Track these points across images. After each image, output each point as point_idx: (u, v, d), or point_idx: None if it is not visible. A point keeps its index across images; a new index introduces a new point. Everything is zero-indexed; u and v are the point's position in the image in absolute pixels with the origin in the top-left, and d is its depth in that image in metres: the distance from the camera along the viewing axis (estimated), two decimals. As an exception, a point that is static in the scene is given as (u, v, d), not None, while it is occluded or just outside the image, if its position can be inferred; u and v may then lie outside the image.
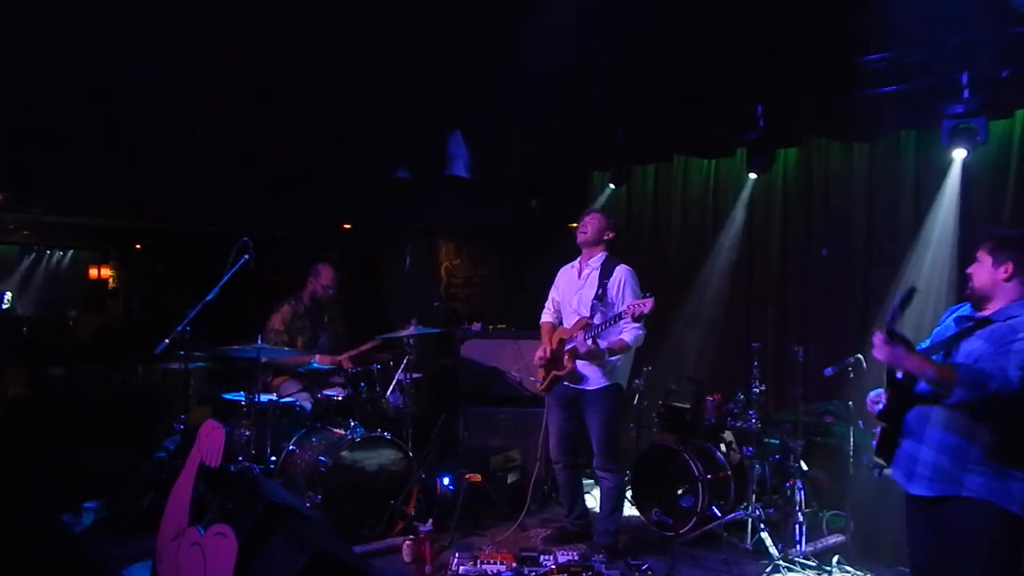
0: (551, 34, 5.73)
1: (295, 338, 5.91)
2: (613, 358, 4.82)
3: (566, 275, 5.20)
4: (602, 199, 7.33)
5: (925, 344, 3.31)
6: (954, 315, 3.17)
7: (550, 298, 5.28)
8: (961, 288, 3.38)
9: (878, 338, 2.95)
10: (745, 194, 6.66)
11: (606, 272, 4.89)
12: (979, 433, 2.85)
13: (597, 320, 4.77)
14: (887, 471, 3.13)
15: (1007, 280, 2.94)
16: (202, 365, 6.50)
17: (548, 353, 5.02)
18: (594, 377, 4.86)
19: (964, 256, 5.12)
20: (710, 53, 6.00)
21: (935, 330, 3.25)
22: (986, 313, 2.97)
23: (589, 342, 4.71)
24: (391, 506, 5.10)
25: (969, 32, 4.88)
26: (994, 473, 2.82)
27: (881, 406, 3.10)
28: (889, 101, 5.42)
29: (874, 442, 3.12)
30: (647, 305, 4.35)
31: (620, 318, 4.57)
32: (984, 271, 2.99)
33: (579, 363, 4.86)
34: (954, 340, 2.99)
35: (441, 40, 6.11)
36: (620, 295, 4.81)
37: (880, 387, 3.22)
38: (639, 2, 5.56)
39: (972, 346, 2.92)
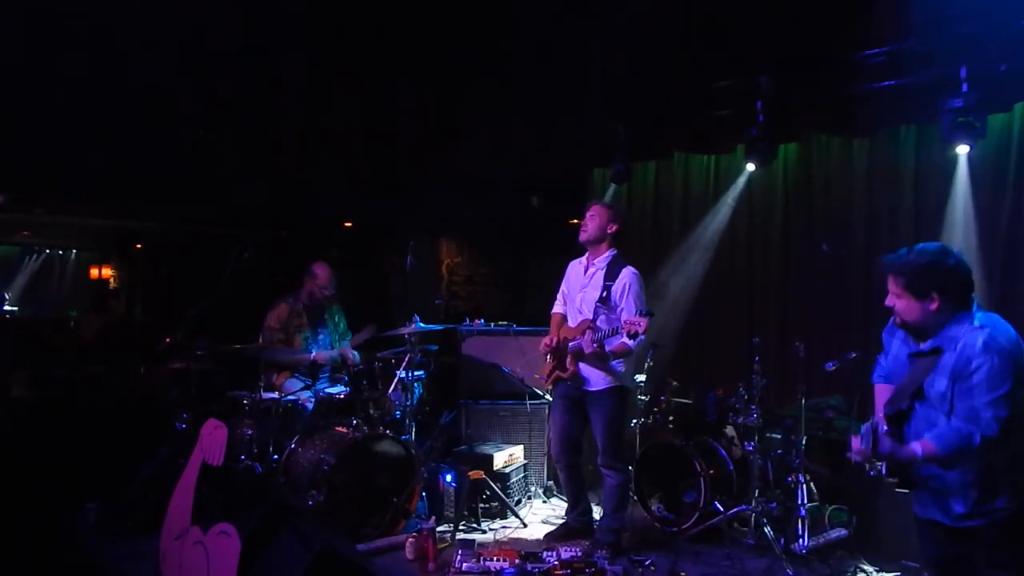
0: (552, 32, 5.75)
1: (292, 336, 5.92)
2: (615, 362, 4.83)
3: (574, 270, 5.17)
4: (607, 196, 7.30)
5: (883, 370, 3.26)
6: (900, 339, 3.11)
7: (560, 291, 5.27)
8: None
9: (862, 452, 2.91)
10: (742, 188, 6.65)
11: (611, 274, 4.84)
12: (992, 465, 2.84)
13: (600, 324, 4.76)
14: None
15: (937, 312, 2.88)
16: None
17: (553, 343, 5.02)
18: (598, 379, 4.86)
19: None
20: (710, 49, 6.02)
21: (887, 360, 3.20)
22: (932, 342, 2.91)
23: (594, 346, 4.71)
24: (394, 504, 5.11)
25: (968, 26, 4.89)
26: (1015, 483, 2.84)
27: (882, 469, 3.00)
28: (888, 96, 5.43)
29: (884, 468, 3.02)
30: (642, 325, 4.32)
31: (618, 332, 4.58)
32: (911, 307, 2.91)
33: (582, 365, 4.86)
34: (916, 382, 2.94)
35: (443, 39, 6.12)
36: (623, 300, 4.78)
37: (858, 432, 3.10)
38: (640, 1, 5.58)
39: (939, 388, 2.86)
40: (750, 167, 6.37)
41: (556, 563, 4.45)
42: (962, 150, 5.17)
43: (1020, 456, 2.85)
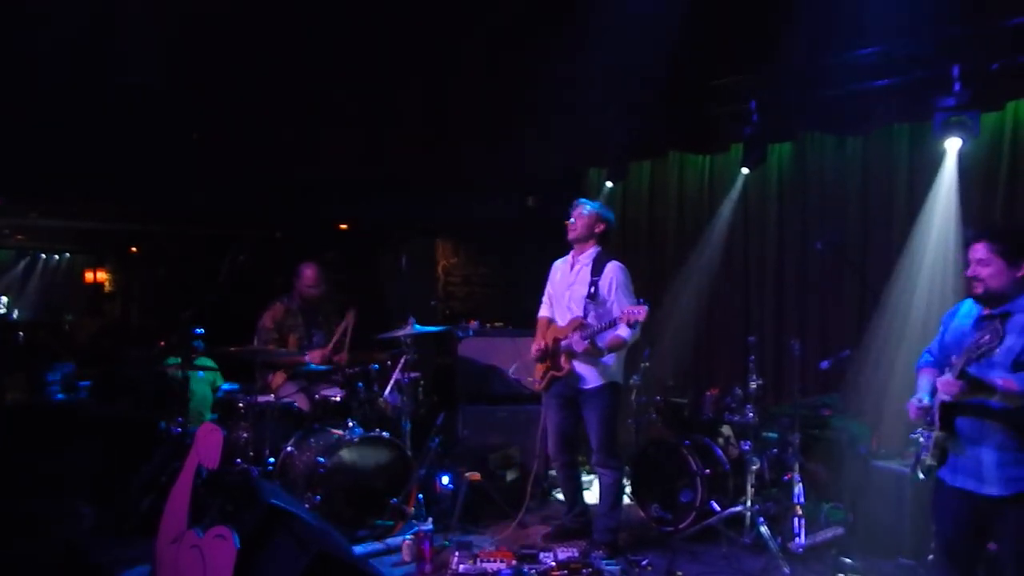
0: (547, 32, 5.74)
1: (287, 336, 5.92)
2: (609, 357, 4.83)
3: (559, 269, 5.20)
4: (601, 196, 7.31)
5: (935, 346, 3.43)
6: (962, 315, 3.28)
7: (545, 292, 5.28)
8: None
9: (948, 381, 3.03)
10: (737, 189, 6.68)
11: (597, 269, 4.87)
12: None
13: (591, 320, 4.77)
14: (934, 466, 3.20)
15: (1022, 279, 3.08)
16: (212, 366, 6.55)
17: (543, 346, 5.03)
18: (591, 377, 4.86)
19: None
20: (705, 49, 6.02)
21: (946, 336, 3.35)
22: (1004, 307, 3.09)
23: (586, 342, 4.71)
24: (391, 506, 5.10)
25: (960, 25, 4.90)
26: None
27: (935, 421, 3.16)
28: (881, 95, 5.46)
29: (925, 451, 3.19)
30: (641, 313, 4.37)
31: (615, 324, 4.59)
32: (1000, 272, 3.08)
33: (575, 363, 4.86)
34: (989, 353, 3.06)
35: (439, 39, 6.12)
36: (611, 294, 4.80)
37: (916, 393, 3.32)
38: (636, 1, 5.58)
39: (1007, 343, 3.01)
40: (744, 171, 6.40)
41: (553, 564, 4.46)
42: (952, 144, 5.18)
43: None
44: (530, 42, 5.88)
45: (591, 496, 5.49)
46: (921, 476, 3.23)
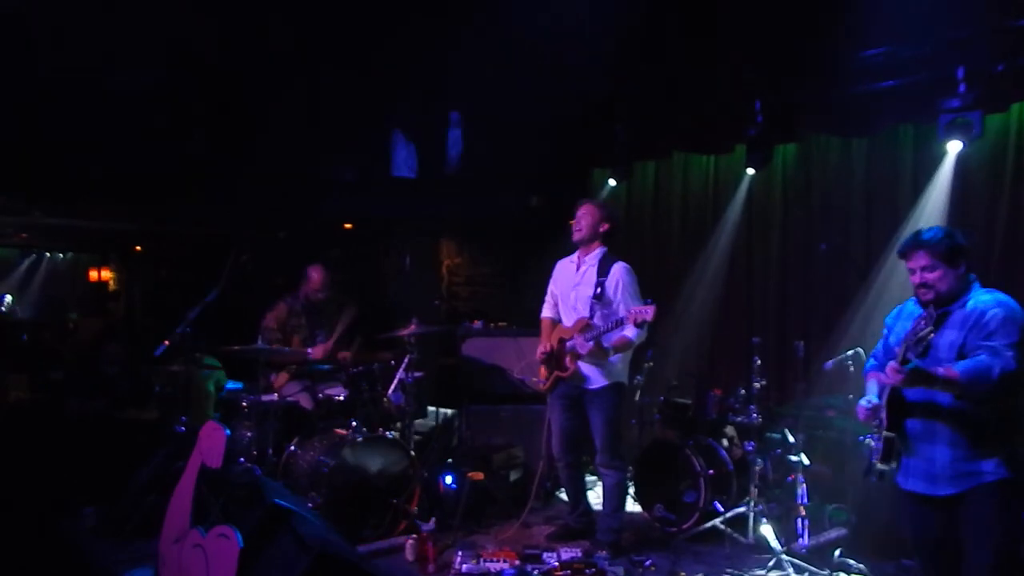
0: (550, 31, 5.75)
1: (291, 336, 5.92)
2: (614, 357, 4.82)
3: (564, 269, 5.18)
4: (603, 196, 7.31)
5: (879, 349, 3.52)
6: (904, 318, 3.36)
7: (549, 292, 5.27)
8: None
9: (892, 367, 3.08)
10: (743, 190, 6.67)
11: (603, 270, 4.87)
12: (983, 420, 3.04)
13: (597, 321, 4.76)
14: (886, 470, 3.23)
15: (964, 276, 3.20)
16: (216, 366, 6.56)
17: (549, 348, 5.02)
18: (596, 377, 4.86)
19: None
20: (708, 49, 6.02)
21: (890, 338, 3.43)
22: (944, 308, 3.18)
23: (591, 343, 4.70)
24: (394, 505, 5.10)
25: (964, 26, 4.89)
26: (1004, 450, 3.04)
27: (883, 421, 3.21)
28: (886, 96, 5.44)
29: (876, 454, 3.24)
30: (649, 313, 4.36)
31: (622, 323, 4.58)
32: (947, 275, 3.17)
33: (580, 363, 4.85)
34: (925, 338, 3.14)
35: (438, 37, 6.12)
36: (617, 295, 4.79)
37: (865, 396, 3.41)
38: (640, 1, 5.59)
39: (949, 338, 3.12)
40: (750, 172, 6.39)
41: (556, 564, 4.45)
42: (953, 147, 5.18)
43: (1012, 421, 3.06)
44: (532, 39, 5.88)
45: (595, 496, 5.49)
46: (873, 480, 3.28)
